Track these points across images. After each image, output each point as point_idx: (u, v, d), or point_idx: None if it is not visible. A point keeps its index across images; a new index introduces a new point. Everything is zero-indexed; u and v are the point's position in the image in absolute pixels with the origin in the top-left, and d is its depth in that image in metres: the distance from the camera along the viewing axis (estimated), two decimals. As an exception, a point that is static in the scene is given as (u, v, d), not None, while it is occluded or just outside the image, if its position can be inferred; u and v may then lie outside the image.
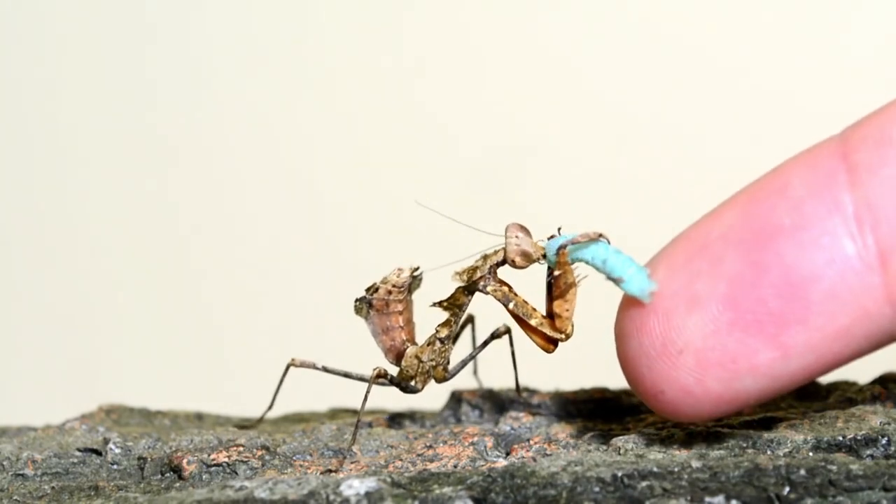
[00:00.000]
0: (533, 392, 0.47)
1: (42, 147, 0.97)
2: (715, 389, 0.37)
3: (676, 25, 0.92)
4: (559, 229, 0.42)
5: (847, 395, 0.45)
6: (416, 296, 0.46)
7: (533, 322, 0.43)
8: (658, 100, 0.91)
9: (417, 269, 0.45)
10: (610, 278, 0.39)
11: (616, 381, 0.48)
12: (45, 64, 0.97)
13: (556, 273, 0.41)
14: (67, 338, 0.96)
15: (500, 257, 0.43)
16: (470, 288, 0.43)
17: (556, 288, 0.42)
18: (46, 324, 0.97)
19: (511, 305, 0.43)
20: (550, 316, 0.43)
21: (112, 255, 0.97)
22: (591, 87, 0.92)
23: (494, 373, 0.49)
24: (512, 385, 0.48)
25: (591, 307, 0.45)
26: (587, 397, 0.46)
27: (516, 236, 0.42)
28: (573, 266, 0.41)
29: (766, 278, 0.35)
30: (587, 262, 0.40)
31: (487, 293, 0.43)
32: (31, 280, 0.97)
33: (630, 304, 0.38)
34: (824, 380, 0.47)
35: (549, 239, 0.42)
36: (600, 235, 0.40)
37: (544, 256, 0.42)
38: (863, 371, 0.46)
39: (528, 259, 0.42)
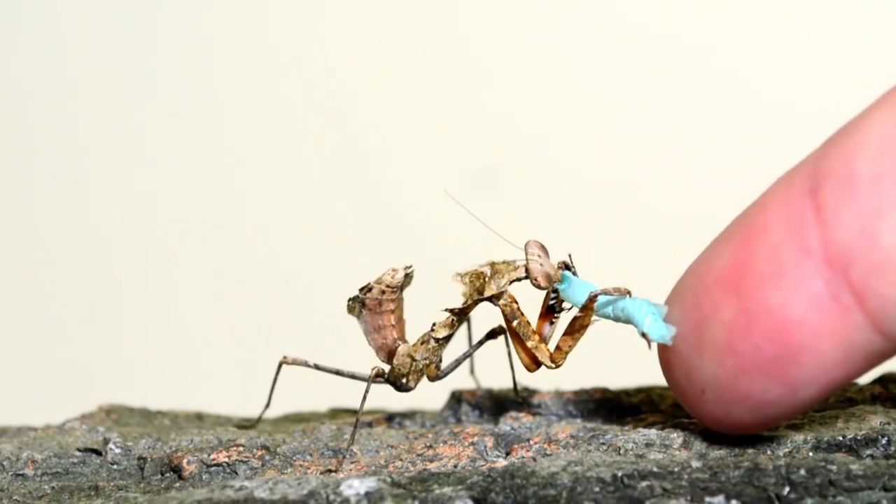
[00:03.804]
0: (533, 392, 0.47)
1: (43, 147, 0.97)
2: (743, 419, 0.38)
3: (677, 28, 0.92)
4: (570, 256, 0.43)
5: (847, 395, 0.45)
6: (406, 292, 0.46)
7: (529, 344, 0.43)
8: (657, 103, 0.91)
9: (410, 267, 0.45)
10: (631, 324, 0.40)
11: (616, 381, 0.48)
12: (50, 63, 0.97)
13: (578, 314, 0.42)
14: (67, 338, 0.96)
15: (520, 273, 0.43)
16: (485, 299, 0.44)
17: (571, 325, 0.42)
18: (46, 324, 0.97)
19: (515, 323, 0.43)
20: (539, 335, 0.43)
21: (112, 256, 0.97)
22: (589, 90, 0.92)
23: (494, 372, 0.49)
24: (510, 383, 0.48)
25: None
26: (587, 397, 0.46)
27: (538, 255, 0.42)
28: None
29: (757, 326, 0.36)
30: (604, 314, 0.42)
31: (497, 305, 0.43)
32: (32, 280, 0.97)
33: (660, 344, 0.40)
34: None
35: (562, 266, 0.43)
36: (628, 292, 0.41)
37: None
38: (863, 371, 0.46)
39: (550, 282, 0.42)
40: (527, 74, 0.93)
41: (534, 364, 0.43)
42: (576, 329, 0.42)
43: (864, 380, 0.46)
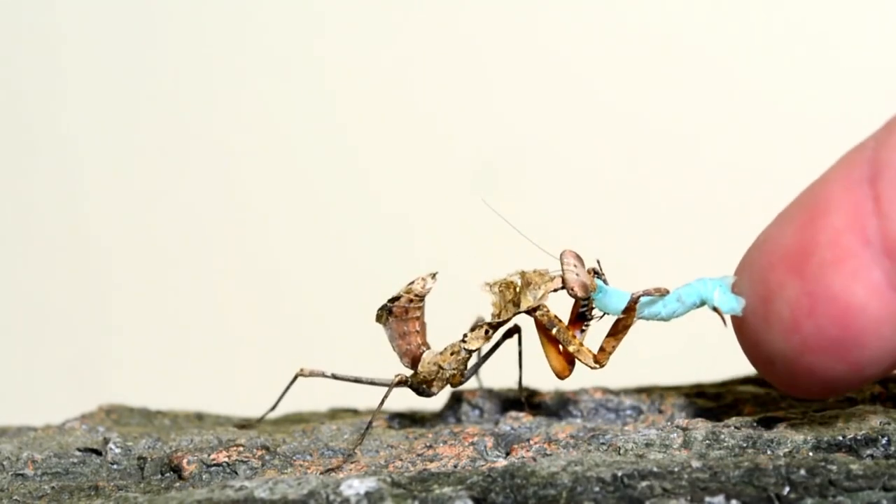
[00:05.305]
0: (533, 392, 0.47)
1: (44, 146, 0.97)
2: (813, 389, 0.39)
3: (677, 28, 0.92)
4: (598, 262, 0.43)
5: (847, 395, 0.45)
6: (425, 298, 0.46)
7: (571, 349, 0.43)
8: (659, 102, 0.91)
9: (435, 274, 0.45)
10: (694, 307, 0.42)
11: (616, 380, 0.48)
12: (50, 63, 0.97)
13: (621, 315, 0.42)
14: (67, 338, 0.96)
15: (557, 284, 0.43)
16: (523, 311, 0.44)
17: (614, 327, 0.43)
18: (46, 323, 0.97)
19: (554, 331, 0.43)
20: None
21: (113, 255, 0.97)
22: (591, 89, 0.92)
23: (494, 372, 0.49)
24: (511, 384, 0.48)
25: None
26: (587, 397, 0.46)
27: (574, 265, 0.42)
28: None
29: (821, 309, 0.37)
30: (650, 315, 0.42)
31: (534, 316, 0.43)
32: (32, 280, 0.97)
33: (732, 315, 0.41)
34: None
35: (592, 273, 0.43)
36: (667, 291, 0.42)
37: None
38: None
39: (586, 292, 0.42)
40: (531, 73, 0.93)
41: (567, 369, 0.44)
42: (619, 330, 0.43)
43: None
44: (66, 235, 0.96)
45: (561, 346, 0.44)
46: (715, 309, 0.41)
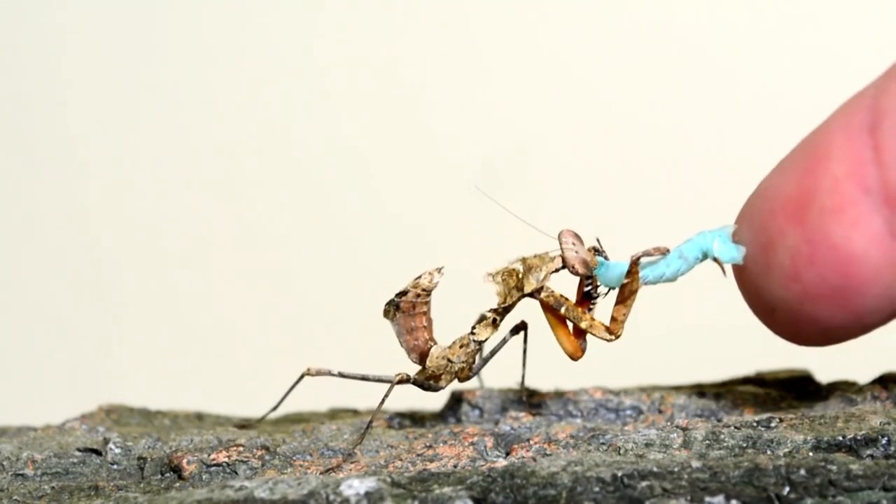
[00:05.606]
0: (533, 392, 0.47)
1: (44, 145, 0.97)
2: (813, 337, 0.40)
3: (676, 25, 0.92)
4: (598, 240, 0.43)
5: (847, 395, 0.45)
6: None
7: (583, 325, 0.43)
8: (657, 98, 0.91)
9: (442, 268, 0.45)
10: (697, 262, 0.42)
11: (616, 381, 0.48)
12: (52, 64, 0.97)
13: (625, 280, 0.42)
14: (67, 338, 0.96)
15: (557, 264, 0.43)
16: (527, 294, 0.43)
17: (621, 294, 0.43)
18: (46, 323, 0.97)
19: (563, 310, 0.43)
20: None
21: (112, 255, 0.97)
22: (591, 86, 0.92)
23: (495, 372, 0.49)
24: (511, 383, 0.48)
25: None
26: (587, 397, 0.46)
27: (573, 243, 0.42)
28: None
29: (821, 257, 0.38)
30: (657, 277, 0.42)
31: (538, 298, 0.43)
32: (32, 280, 0.97)
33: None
34: (824, 380, 0.47)
35: (593, 251, 0.43)
36: (667, 250, 0.42)
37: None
38: (863, 371, 0.46)
39: (587, 268, 0.42)
40: (531, 73, 0.93)
41: (579, 349, 0.44)
42: (627, 296, 0.43)
43: (864, 380, 0.46)
44: (66, 235, 0.96)
45: (570, 327, 0.44)
46: (715, 259, 0.41)
